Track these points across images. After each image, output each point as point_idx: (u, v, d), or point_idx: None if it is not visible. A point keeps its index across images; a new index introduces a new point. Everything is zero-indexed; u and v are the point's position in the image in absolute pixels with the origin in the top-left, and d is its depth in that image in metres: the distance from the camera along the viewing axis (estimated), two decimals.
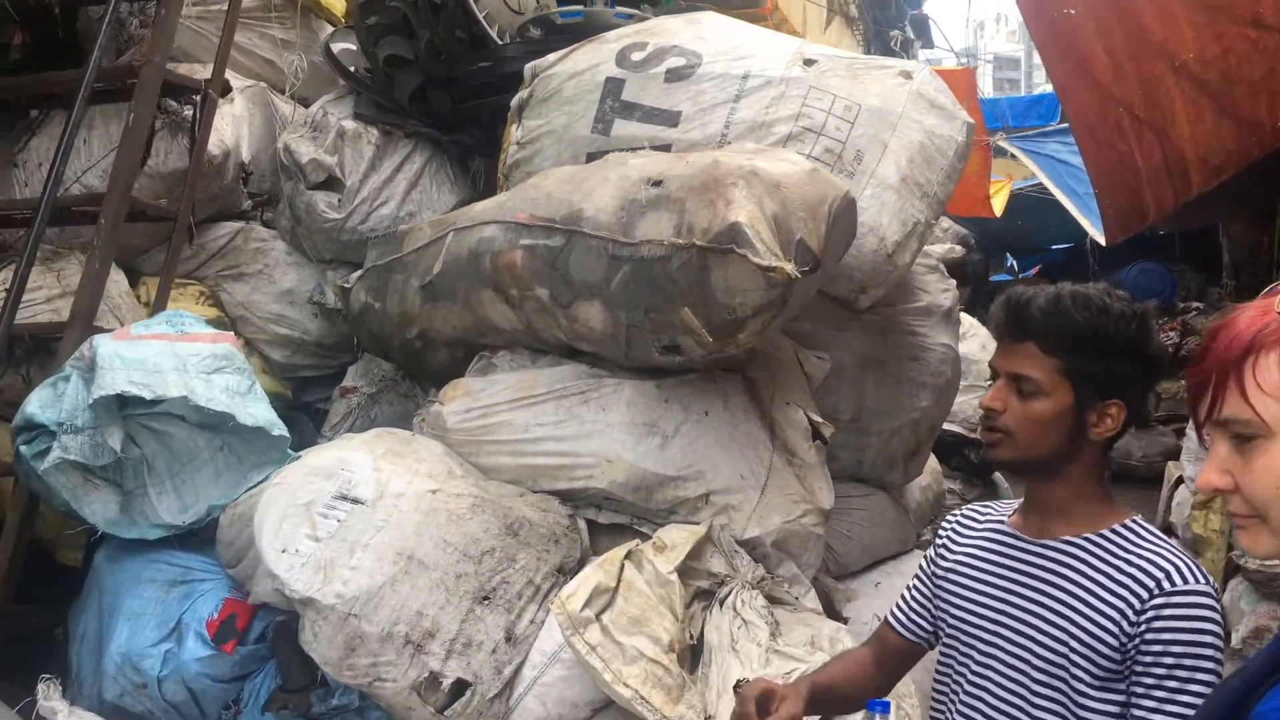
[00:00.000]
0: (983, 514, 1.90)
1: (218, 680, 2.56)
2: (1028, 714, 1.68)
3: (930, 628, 1.93)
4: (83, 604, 2.79)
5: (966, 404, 5.77)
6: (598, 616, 2.42)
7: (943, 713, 1.83)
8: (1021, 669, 1.70)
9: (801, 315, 3.32)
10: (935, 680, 1.88)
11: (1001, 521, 1.84)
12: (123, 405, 2.62)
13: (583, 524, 2.87)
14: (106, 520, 2.67)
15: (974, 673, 1.76)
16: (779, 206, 2.60)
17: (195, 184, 3.48)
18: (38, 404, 2.64)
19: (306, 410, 4.14)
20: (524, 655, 2.58)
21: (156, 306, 3.32)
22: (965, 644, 1.79)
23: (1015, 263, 16.87)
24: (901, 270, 3.35)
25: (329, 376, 4.04)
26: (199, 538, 2.80)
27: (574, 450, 2.83)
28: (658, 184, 2.72)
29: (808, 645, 2.50)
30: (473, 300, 3.01)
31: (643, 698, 2.31)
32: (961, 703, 1.77)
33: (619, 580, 2.50)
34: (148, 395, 2.53)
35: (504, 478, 2.89)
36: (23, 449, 2.61)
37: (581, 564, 2.71)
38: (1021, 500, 1.84)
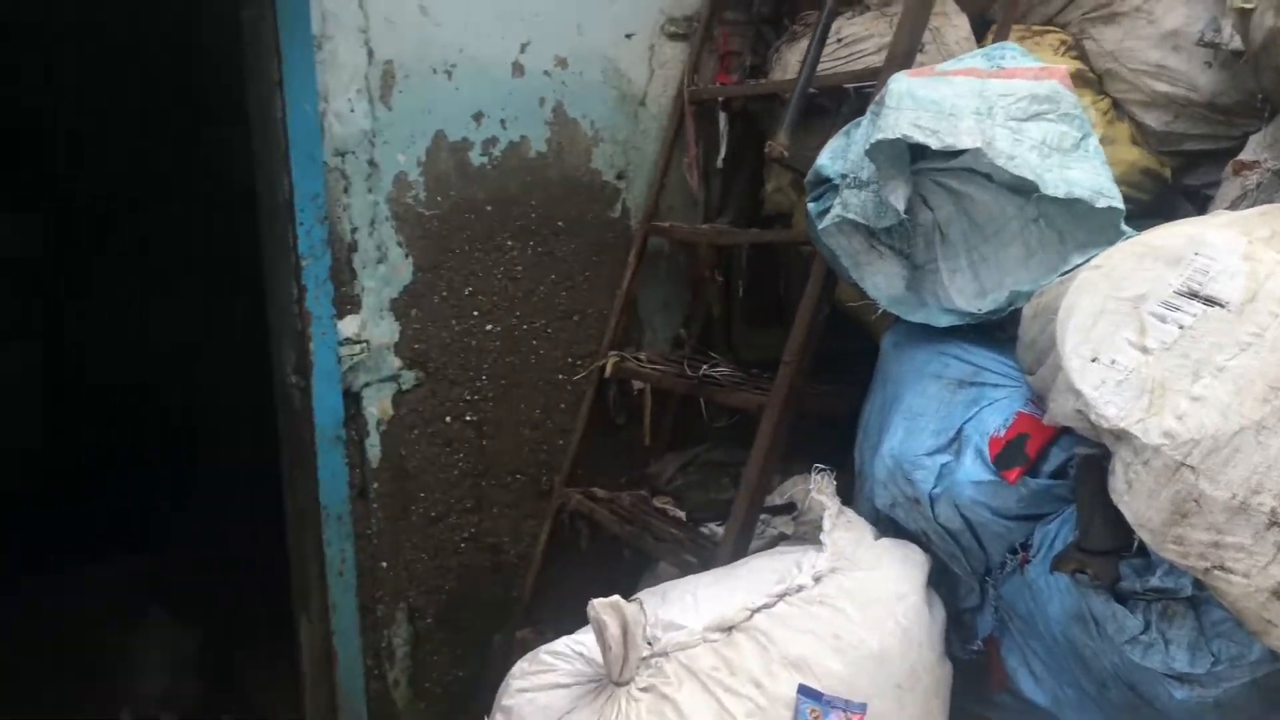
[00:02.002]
0: None
1: (997, 514, 1.98)
2: None
3: None
4: (869, 394, 2.43)
5: None
6: None
7: None
8: None
9: None
10: None
11: None
12: (915, 157, 2.10)
13: None
14: (890, 297, 2.23)
15: None
16: None
17: None
18: (828, 155, 2.26)
19: (1188, 195, 3.20)
20: None
21: None
22: None
23: None
24: None
25: (1224, 151, 3.02)
26: (1004, 334, 2.21)
27: None
28: None
29: None
30: None
31: None
32: None
33: None
34: (934, 143, 1.96)
35: None
36: (810, 206, 2.28)
37: None
38: None
